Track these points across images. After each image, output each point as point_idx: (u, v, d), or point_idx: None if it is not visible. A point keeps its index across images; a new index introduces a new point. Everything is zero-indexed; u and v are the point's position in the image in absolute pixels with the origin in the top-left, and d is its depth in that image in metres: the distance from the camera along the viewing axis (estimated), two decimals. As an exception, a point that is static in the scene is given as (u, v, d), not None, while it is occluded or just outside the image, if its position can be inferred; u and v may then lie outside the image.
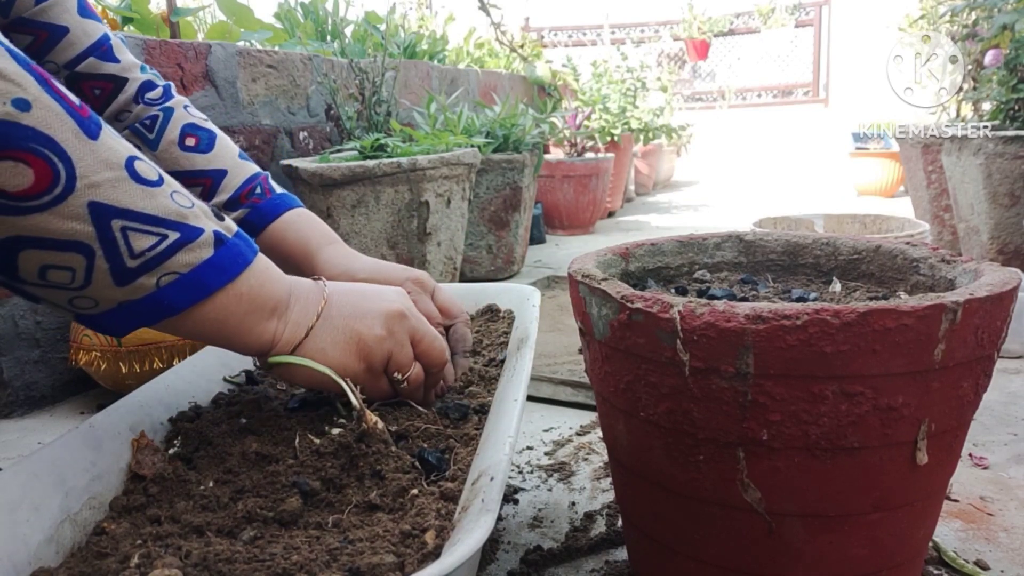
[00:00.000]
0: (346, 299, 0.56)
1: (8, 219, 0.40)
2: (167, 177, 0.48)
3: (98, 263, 0.43)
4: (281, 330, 0.53)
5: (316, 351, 0.54)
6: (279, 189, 0.79)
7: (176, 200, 0.47)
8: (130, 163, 0.45)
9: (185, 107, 0.77)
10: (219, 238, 0.49)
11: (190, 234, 0.47)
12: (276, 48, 1.82)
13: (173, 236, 0.46)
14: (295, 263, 0.75)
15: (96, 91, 0.73)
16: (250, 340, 0.52)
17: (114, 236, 0.43)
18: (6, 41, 0.40)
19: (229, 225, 0.51)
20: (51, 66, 0.71)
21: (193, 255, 0.47)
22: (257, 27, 1.86)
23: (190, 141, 0.74)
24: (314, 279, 0.57)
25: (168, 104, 0.76)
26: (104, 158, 0.43)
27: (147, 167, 0.46)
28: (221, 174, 0.75)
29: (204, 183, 0.74)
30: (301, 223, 0.77)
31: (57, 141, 0.40)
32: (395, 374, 0.57)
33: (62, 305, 0.46)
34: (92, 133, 0.43)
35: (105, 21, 1.60)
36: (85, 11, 0.72)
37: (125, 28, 1.61)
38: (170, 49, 1.40)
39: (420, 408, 0.59)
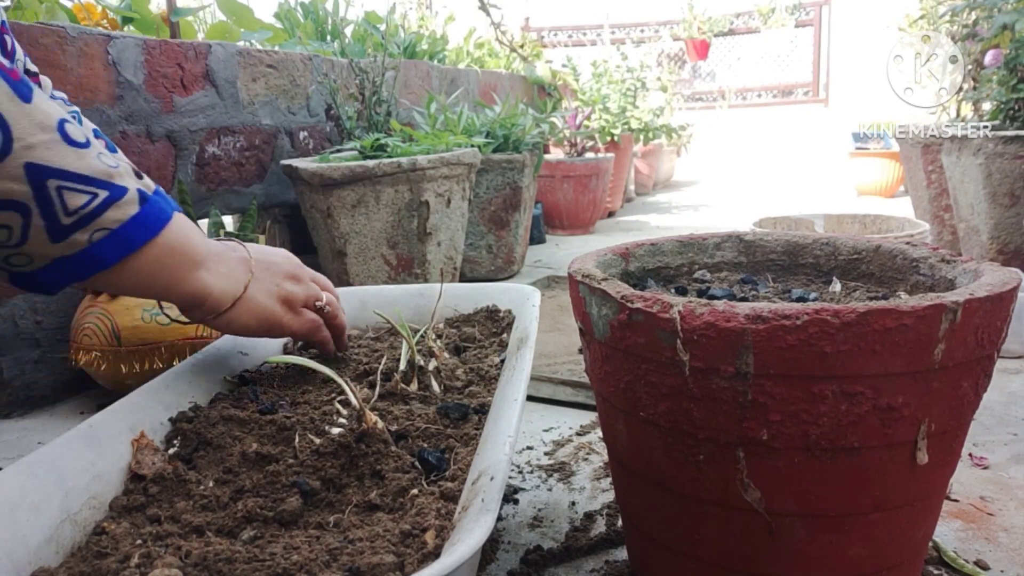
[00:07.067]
0: (262, 261, 0.65)
1: None
2: (93, 139, 0.50)
3: (35, 220, 0.46)
4: (212, 281, 0.59)
5: (253, 303, 0.62)
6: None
7: (103, 160, 0.50)
8: (61, 126, 0.47)
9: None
10: (142, 196, 0.52)
11: (117, 192, 0.50)
12: (276, 48, 1.82)
13: (103, 194, 0.49)
14: None
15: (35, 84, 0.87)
16: (184, 289, 0.57)
17: (49, 195, 0.46)
18: None
19: (148, 183, 0.55)
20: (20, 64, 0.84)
21: (121, 212, 0.50)
22: (257, 27, 1.86)
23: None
24: (223, 240, 0.65)
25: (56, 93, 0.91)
26: (38, 121, 0.45)
27: (76, 129, 0.49)
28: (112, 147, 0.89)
29: None
30: None
31: None
32: (315, 303, 0.68)
33: None
34: (25, 96, 0.45)
35: (106, 21, 1.60)
36: None
37: (125, 28, 1.61)
38: (170, 49, 1.40)
39: (337, 355, 0.72)
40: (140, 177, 0.54)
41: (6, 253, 0.47)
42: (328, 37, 2.34)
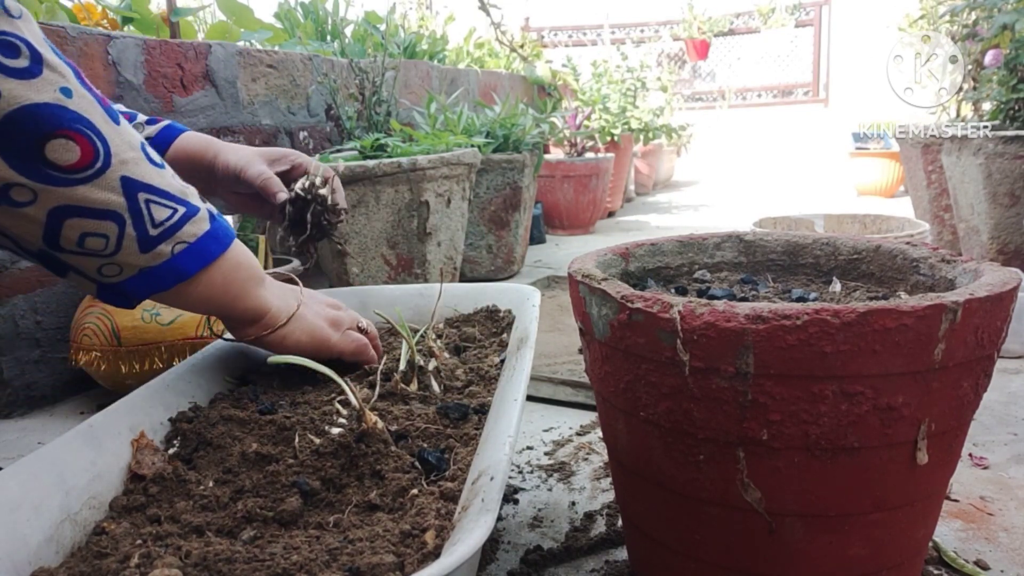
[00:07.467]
0: (306, 291, 0.71)
1: (59, 190, 0.47)
2: (165, 163, 0.55)
3: (127, 231, 0.51)
4: (270, 298, 0.64)
5: (305, 321, 0.66)
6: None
7: (177, 180, 0.55)
8: (143, 147, 0.52)
9: None
10: (211, 214, 0.57)
11: (192, 209, 0.55)
12: (276, 48, 1.82)
13: (181, 210, 0.54)
14: (201, 159, 0.85)
15: None
16: (248, 304, 0.62)
17: (140, 207, 0.51)
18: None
19: (210, 206, 0.59)
20: None
21: (197, 227, 0.55)
22: (257, 27, 1.86)
23: None
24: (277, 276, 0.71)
25: None
26: (127, 140, 0.51)
27: (153, 152, 0.54)
28: (132, 115, 0.84)
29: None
30: (197, 135, 0.88)
31: (94, 124, 0.48)
32: (358, 325, 0.72)
33: (90, 274, 0.52)
34: (115, 119, 0.50)
35: (106, 21, 1.60)
36: None
37: (125, 28, 1.61)
38: (170, 49, 1.40)
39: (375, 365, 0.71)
40: (204, 200, 0.58)
41: (100, 263, 0.52)
42: (328, 37, 2.34)
